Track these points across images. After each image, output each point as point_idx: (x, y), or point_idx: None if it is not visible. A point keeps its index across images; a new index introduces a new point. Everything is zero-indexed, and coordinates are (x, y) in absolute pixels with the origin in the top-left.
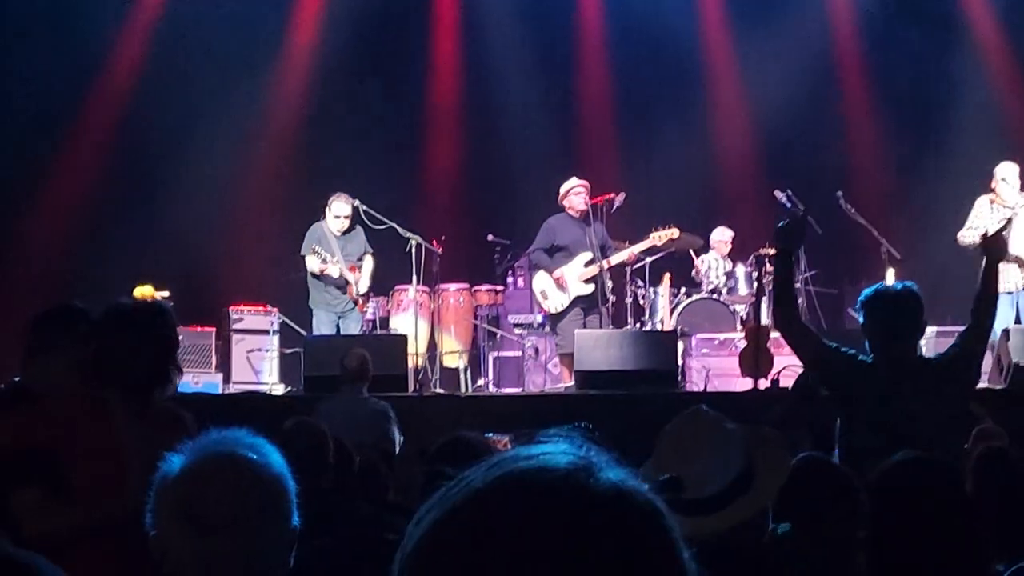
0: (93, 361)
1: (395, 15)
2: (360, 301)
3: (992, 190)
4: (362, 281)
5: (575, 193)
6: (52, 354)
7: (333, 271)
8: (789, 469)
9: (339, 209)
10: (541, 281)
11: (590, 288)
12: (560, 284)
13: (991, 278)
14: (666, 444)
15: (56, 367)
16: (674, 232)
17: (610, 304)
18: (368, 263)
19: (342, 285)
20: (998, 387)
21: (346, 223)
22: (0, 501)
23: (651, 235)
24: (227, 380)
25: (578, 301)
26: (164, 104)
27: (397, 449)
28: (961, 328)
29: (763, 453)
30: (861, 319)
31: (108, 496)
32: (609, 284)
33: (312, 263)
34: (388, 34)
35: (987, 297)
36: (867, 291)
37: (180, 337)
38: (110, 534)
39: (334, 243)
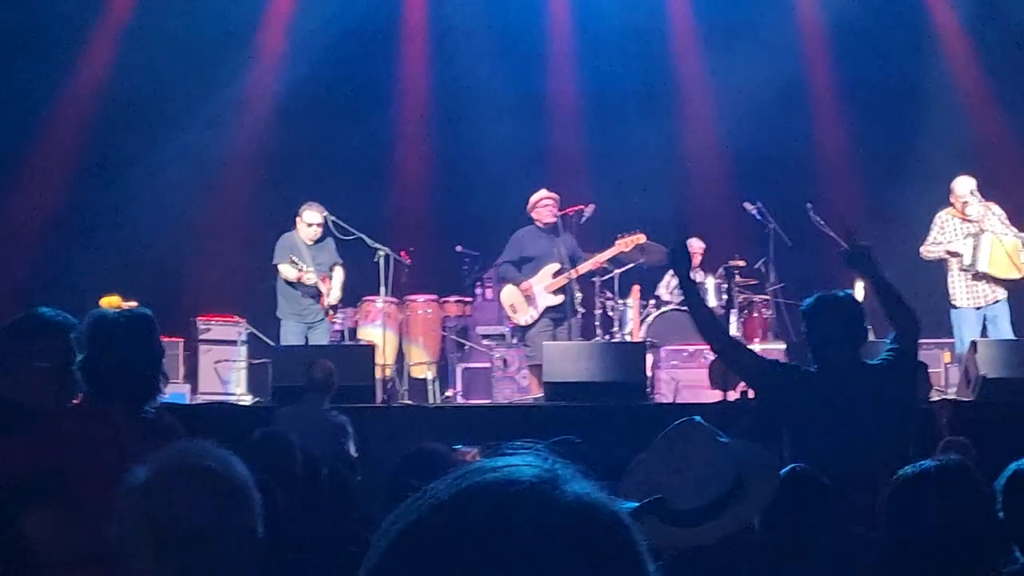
0: (85, 374)
1: (365, 28)
2: (330, 312)
3: (952, 205)
4: (333, 292)
5: (543, 205)
6: (21, 365)
7: (309, 279)
8: (777, 484)
9: (311, 217)
10: (509, 294)
11: (559, 299)
12: (529, 296)
13: (879, 287)
14: (658, 453)
15: (27, 378)
16: (640, 237)
17: (579, 316)
18: (338, 274)
19: (315, 295)
20: (966, 399)
21: (318, 231)
22: (13, 525)
23: (617, 242)
24: (194, 390)
25: (547, 312)
26: (132, 114)
27: (352, 464)
28: (928, 340)
29: (753, 468)
30: (803, 328)
31: None
32: (579, 296)
33: (288, 271)
34: (358, 46)
35: (887, 302)
36: (808, 300)
37: None
38: None
39: (306, 252)
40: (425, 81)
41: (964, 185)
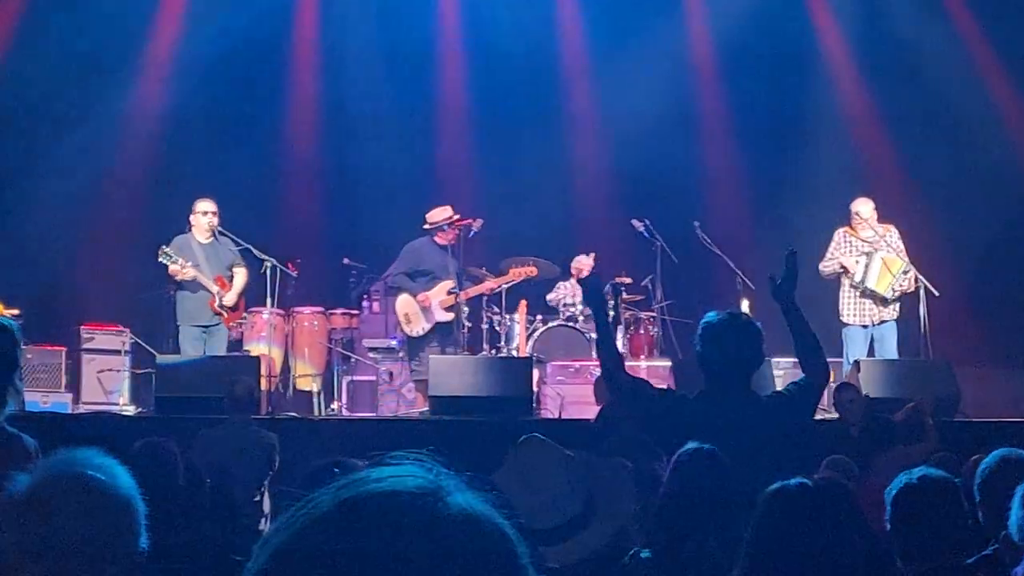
0: None
1: (255, 39)
2: (225, 315)
3: (850, 224)
4: (228, 294)
5: (448, 225)
6: None
7: (187, 273)
8: (632, 499)
9: (205, 206)
10: (405, 303)
11: (450, 316)
12: (425, 308)
13: (799, 328)
14: (511, 471)
15: None
16: (532, 270)
17: (465, 330)
18: (239, 276)
19: (206, 296)
20: None
21: (214, 220)
22: None
23: (510, 271)
24: (77, 400)
25: (438, 328)
26: (16, 121)
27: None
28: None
29: (604, 484)
30: (697, 344)
31: None
32: (465, 310)
33: (173, 269)
34: (247, 57)
35: (803, 346)
36: (710, 317)
37: (28, 356)
38: None
39: (198, 251)
40: (314, 93)
41: (861, 206)
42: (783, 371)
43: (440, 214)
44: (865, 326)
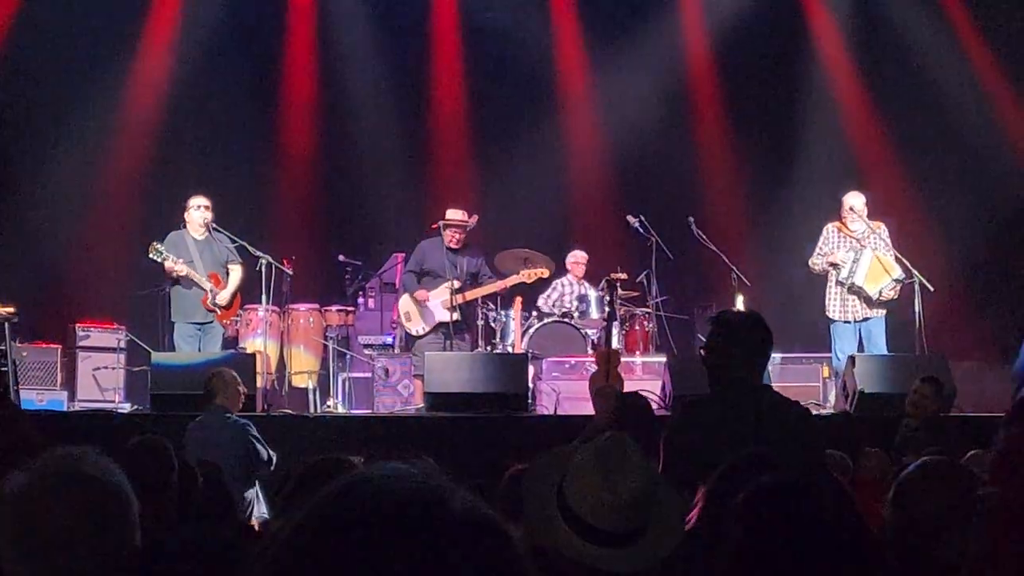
0: None
1: (250, 33)
2: (219, 312)
3: (840, 218)
4: (222, 292)
5: (451, 229)
6: None
7: (180, 270)
8: (680, 537)
9: (199, 201)
10: (405, 303)
11: (455, 315)
12: (423, 308)
13: None
14: (588, 463)
15: None
16: (544, 271)
17: (478, 328)
18: (234, 273)
19: (200, 293)
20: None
21: (208, 214)
22: None
23: (521, 272)
24: (72, 398)
25: (441, 327)
26: (14, 113)
27: (272, 466)
28: (807, 355)
29: (665, 509)
30: (703, 345)
31: None
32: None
33: (168, 264)
34: (242, 52)
35: None
36: (711, 317)
37: (24, 354)
38: None
39: (192, 248)
40: (309, 88)
41: (851, 200)
42: (770, 366)
43: (447, 214)
44: (849, 321)
